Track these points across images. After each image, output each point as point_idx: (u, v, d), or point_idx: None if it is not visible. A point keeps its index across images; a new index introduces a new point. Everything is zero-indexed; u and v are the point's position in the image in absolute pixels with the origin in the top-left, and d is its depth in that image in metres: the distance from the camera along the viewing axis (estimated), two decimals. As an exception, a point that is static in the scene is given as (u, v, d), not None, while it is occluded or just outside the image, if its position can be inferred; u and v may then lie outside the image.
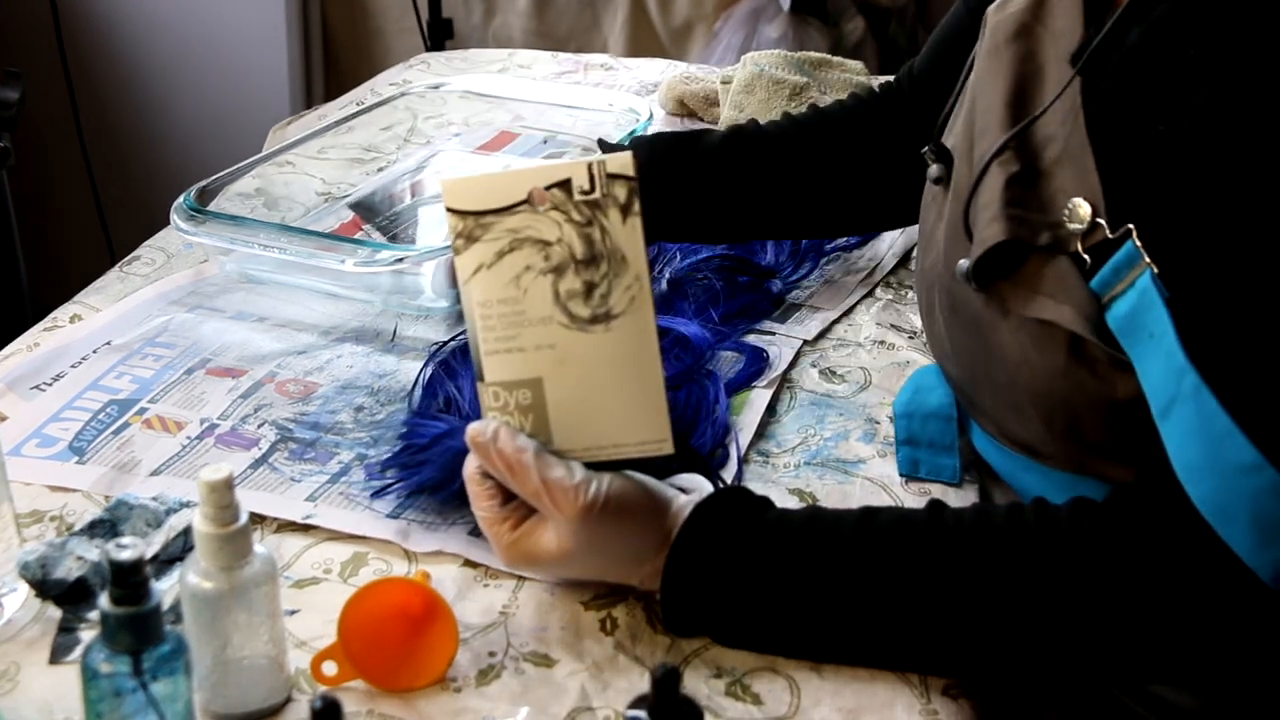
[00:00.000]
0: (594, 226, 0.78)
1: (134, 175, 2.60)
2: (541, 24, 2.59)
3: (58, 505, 0.92)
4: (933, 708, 0.77)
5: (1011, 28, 0.89)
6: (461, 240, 0.79)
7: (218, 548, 0.71)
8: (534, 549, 0.80)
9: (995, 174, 0.84)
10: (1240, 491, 0.70)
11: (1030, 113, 0.84)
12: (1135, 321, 0.75)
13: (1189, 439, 0.73)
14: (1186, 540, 0.73)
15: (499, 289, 0.79)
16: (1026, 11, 0.89)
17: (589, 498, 0.77)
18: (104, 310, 1.16)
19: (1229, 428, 0.70)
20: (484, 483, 0.81)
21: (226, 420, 1.01)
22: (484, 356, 0.80)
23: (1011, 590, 0.76)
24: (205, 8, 2.49)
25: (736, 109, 1.58)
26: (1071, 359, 0.80)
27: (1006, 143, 0.84)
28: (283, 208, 1.30)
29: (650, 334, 0.79)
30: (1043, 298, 0.80)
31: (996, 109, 0.87)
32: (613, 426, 0.80)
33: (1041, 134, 0.84)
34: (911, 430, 0.98)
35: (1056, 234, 0.80)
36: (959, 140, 0.92)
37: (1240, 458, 0.70)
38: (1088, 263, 0.78)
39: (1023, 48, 0.88)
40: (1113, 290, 0.77)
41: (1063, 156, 0.82)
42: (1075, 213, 0.79)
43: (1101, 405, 0.80)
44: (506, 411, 0.80)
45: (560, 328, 0.79)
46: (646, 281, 0.78)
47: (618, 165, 0.77)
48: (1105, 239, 0.77)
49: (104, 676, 0.65)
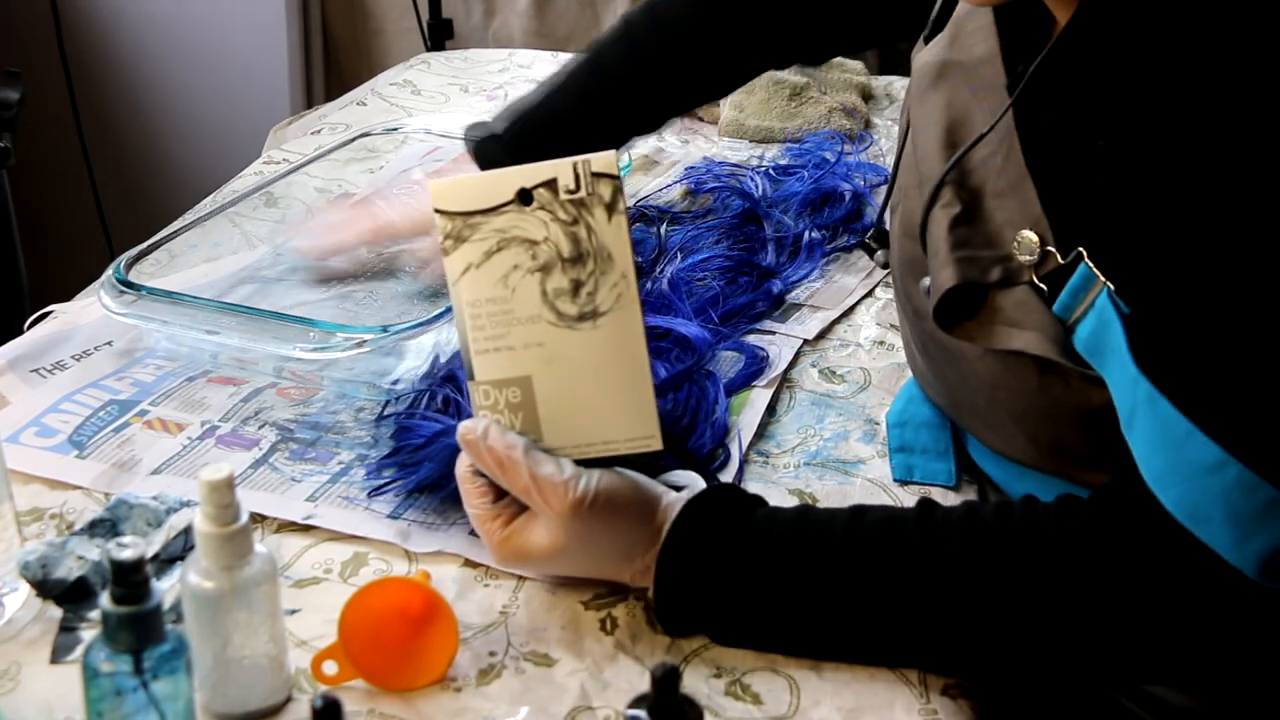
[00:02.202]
0: (580, 225, 0.78)
1: (135, 175, 2.60)
2: (542, 24, 2.59)
3: (58, 503, 0.92)
4: (932, 707, 0.77)
5: (933, 70, 0.91)
6: (450, 241, 0.79)
7: (218, 547, 0.71)
8: (525, 546, 0.80)
9: (939, 219, 0.85)
10: (1209, 491, 0.70)
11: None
12: (1099, 340, 0.76)
13: (1152, 447, 0.73)
14: (1168, 540, 0.73)
15: (487, 288, 0.80)
16: (944, 49, 0.90)
17: (578, 493, 0.78)
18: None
19: (1189, 429, 0.70)
20: (475, 481, 0.82)
21: (227, 422, 1.01)
22: (474, 355, 0.81)
23: (999, 588, 0.76)
24: (206, 8, 2.49)
25: (736, 109, 1.58)
26: (1043, 377, 0.81)
27: (941, 182, 0.85)
28: (283, 206, 1.30)
29: (638, 331, 0.79)
30: (1007, 329, 0.81)
31: (933, 154, 0.88)
32: (602, 423, 0.80)
33: (979, 170, 0.84)
34: (905, 439, 0.99)
35: (1008, 267, 0.81)
36: (905, 178, 0.94)
37: (1204, 457, 0.70)
38: (1045, 291, 0.79)
39: (946, 87, 0.89)
40: (1074, 313, 0.78)
41: (1003, 188, 0.82)
42: (1023, 244, 0.80)
43: (1079, 415, 0.81)
44: (496, 410, 0.81)
45: (548, 326, 0.79)
46: (633, 279, 0.79)
47: (602, 164, 0.78)
48: (1058, 265, 0.78)
49: (105, 676, 0.66)
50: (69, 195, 2.45)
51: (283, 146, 1.56)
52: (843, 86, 1.64)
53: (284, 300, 1.14)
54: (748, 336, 1.13)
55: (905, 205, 0.93)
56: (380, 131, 1.47)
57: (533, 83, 1.27)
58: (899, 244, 0.94)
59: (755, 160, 1.46)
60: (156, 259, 1.14)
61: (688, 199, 1.36)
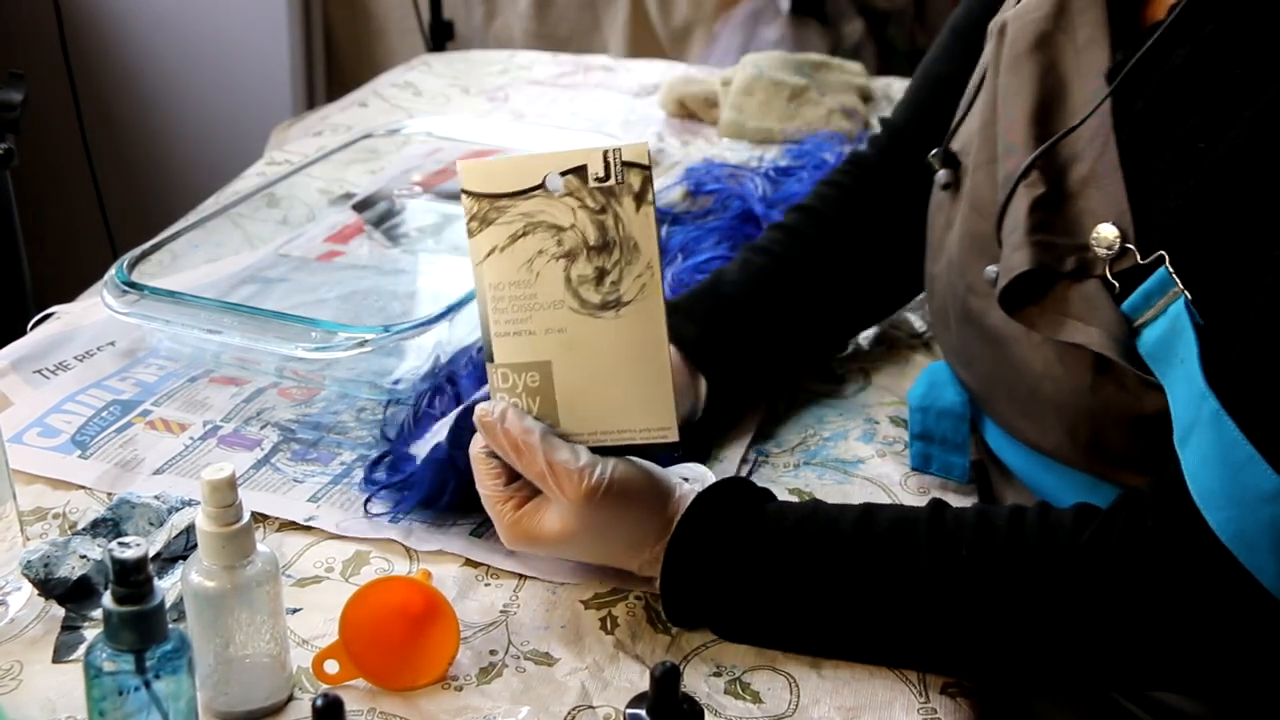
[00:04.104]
0: (607, 214, 0.78)
1: (137, 177, 2.60)
2: (542, 25, 2.59)
3: (60, 503, 0.92)
4: (931, 706, 0.77)
5: (1032, 37, 0.86)
6: (476, 223, 0.79)
7: (220, 546, 0.72)
8: (536, 529, 0.80)
9: (1021, 196, 0.82)
10: (1260, 518, 0.69)
11: (1056, 129, 0.83)
12: (1166, 347, 0.74)
13: (1207, 465, 0.71)
14: (1208, 558, 0.72)
15: (511, 272, 0.80)
16: (1047, 19, 0.86)
17: (593, 481, 0.78)
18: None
19: (1251, 455, 0.69)
20: (489, 462, 0.81)
21: (229, 422, 1.02)
22: (494, 338, 0.81)
23: (1010, 595, 0.76)
24: (208, 9, 2.50)
25: (736, 110, 1.58)
26: (1099, 375, 0.80)
27: (1033, 162, 0.82)
28: (284, 206, 1.31)
29: (659, 322, 0.79)
30: (1071, 321, 0.79)
31: (1020, 126, 0.85)
32: (619, 412, 0.80)
33: (1068, 152, 0.82)
34: (926, 425, 0.97)
35: (1083, 258, 0.79)
36: (978, 152, 0.90)
37: (1261, 484, 0.69)
38: (1116, 287, 0.77)
39: (1045, 59, 0.86)
40: (1143, 315, 0.76)
41: (1090, 177, 0.80)
42: (1101, 238, 0.78)
43: (1127, 418, 0.80)
44: (514, 393, 0.81)
45: (570, 312, 0.79)
46: (658, 270, 0.79)
47: (633, 153, 0.77)
48: (1135, 264, 0.76)
49: (107, 675, 0.66)
50: (72, 196, 2.45)
51: (284, 147, 1.56)
52: (842, 88, 1.64)
53: (286, 300, 1.15)
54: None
55: (975, 178, 0.90)
56: (382, 133, 1.48)
57: (533, 84, 1.25)
58: (963, 216, 0.91)
59: (755, 161, 1.47)
60: (159, 259, 1.15)
61: (688, 200, 1.36)
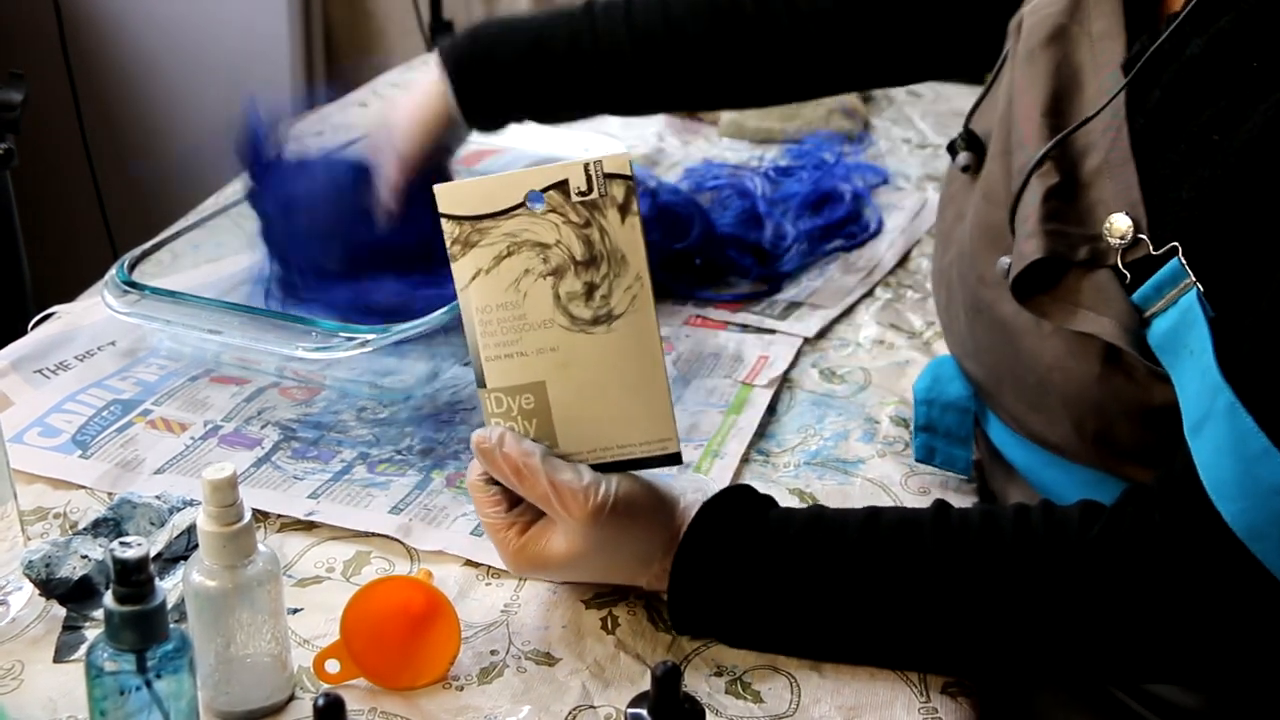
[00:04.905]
0: (592, 227, 0.77)
1: (137, 176, 2.60)
2: (542, 25, 2.59)
3: (61, 503, 0.92)
4: (932, 706, 0.77)
5: (1047, 30, 0.87)
6: (458, 246, 0.78)
7: (221, 546, 0.72)
8: (542, 553, 0.79)
9: (1034, 186, 0.82)
10: (1274, 511, 0.69)
11: (1069, 121, 0.83)
12: (1176, 338, 0.74)
13: (1220, 457, 0.71)
14: (1219, 548, 0.72)
15: (498, 294, 0.78)
16: (1063, 13, 0.87)
17: (599, 499, 0.77)
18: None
19: (1266, 448, 0.69)
20: (488, 490, 0.80)
21: (230, 422, 1.02)
22: (485, 363, 0.79)
23: (1018, 595, 0.76)
24: (208, 9, 2.49)
25: (737, 110, 1.58)
26: (1108, 366, 0.79)
27: (1047, 153, 0.82)
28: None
29: (653, 333, 0.78)
30: (1083, 310, 0.79)
31: (1034, 118, 0.85)
32: (617, 428, 0.80)
33: (1081, 142, 0.82)
34: (931, 417, 0.96)
35: (1095, 247, 0.79)
36: (993, 144, 0.90)
37: (1274, 477, 0.68)
38: (1128, 277, 0.77)
39: (1059, 52, 0.86)
40: (1154, 306, 0.76)
41: (1103, 167, 0.80)
42: (1113, 228, 0.78)
43: (1136, 410, 0.79)
44: (510, 417, 0.80)
45: (562, 330, 0.78)
46: (647, 281, 0.78)
47: (615, 165, 0.76)
48: (1147, 255, 0.76)
49: (108, 674, 0.66)
50: (72, 196, 2.45)
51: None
52: (843, 87, 1.64)
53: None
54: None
55: (990, 169, 0.90)
56: None
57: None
58: (975, 207, 0.91)
59: (755, 161, 1.47)
60: (159, 259, 1.15)
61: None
